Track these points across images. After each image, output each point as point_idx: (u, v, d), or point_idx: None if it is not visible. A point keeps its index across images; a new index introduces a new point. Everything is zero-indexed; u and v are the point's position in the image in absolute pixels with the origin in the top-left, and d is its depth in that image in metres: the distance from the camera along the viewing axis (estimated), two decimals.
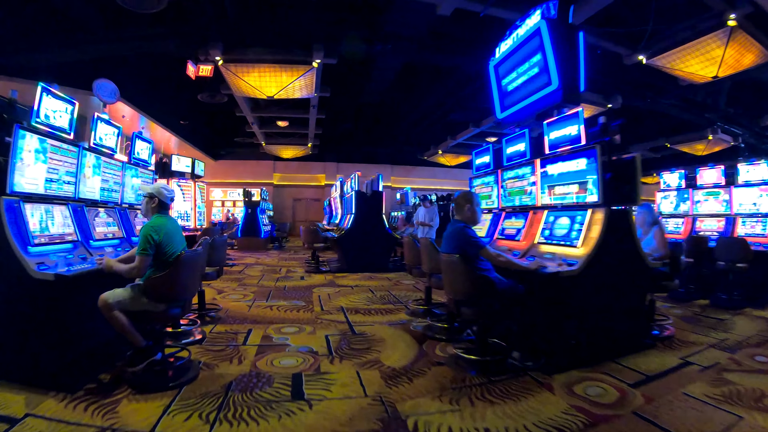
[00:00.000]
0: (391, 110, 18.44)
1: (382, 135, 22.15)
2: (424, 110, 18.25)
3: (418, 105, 17.72)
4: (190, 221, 9.83)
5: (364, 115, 18.60)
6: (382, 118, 19.38)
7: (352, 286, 7.76)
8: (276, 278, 8.52)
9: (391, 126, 20.62)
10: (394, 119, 19.70)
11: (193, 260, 3.51)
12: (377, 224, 9.67)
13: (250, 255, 13.08)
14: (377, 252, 9.59)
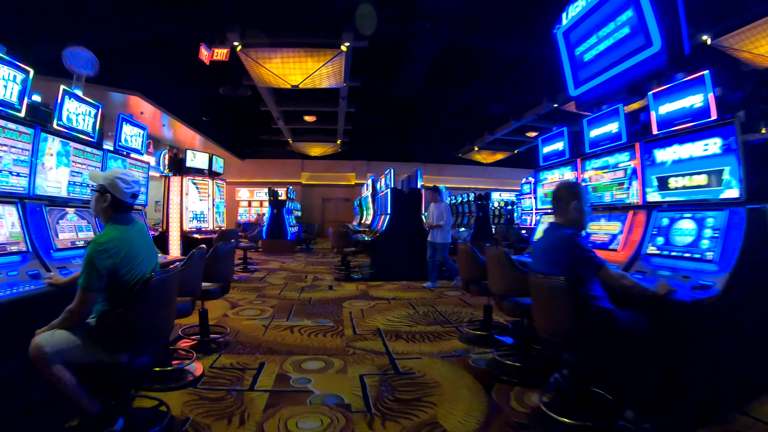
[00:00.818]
0: (425, 105, 17.24)
1: (414, 131, 20.97)
2: (461, 104, 16.97)
3: (454, 98, 16.45)
4: (208, 222, 8.85)
5: (396, 111, 17.46)
6: (415, 113, 18.20)
7: (388, 299, 6.60)
8: (301, 288, 7.45)
9: (424, 122, 19.41)
10: (427, 114, 18.48)
11: (169, 285, 2.41)
12: (416, 226, 8.50)
13: (275, 258, 12.11)
14: (415, 258, 8.40)
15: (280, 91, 13.20)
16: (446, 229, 7.49)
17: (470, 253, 4.31)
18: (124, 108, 13.82)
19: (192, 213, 8.79)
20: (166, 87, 13.37)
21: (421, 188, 8.77)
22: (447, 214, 7.45)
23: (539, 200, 5.48)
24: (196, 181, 8.90)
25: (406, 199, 8.51)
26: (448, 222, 7.47)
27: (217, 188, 9.47)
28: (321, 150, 19.35)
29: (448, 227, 7.52)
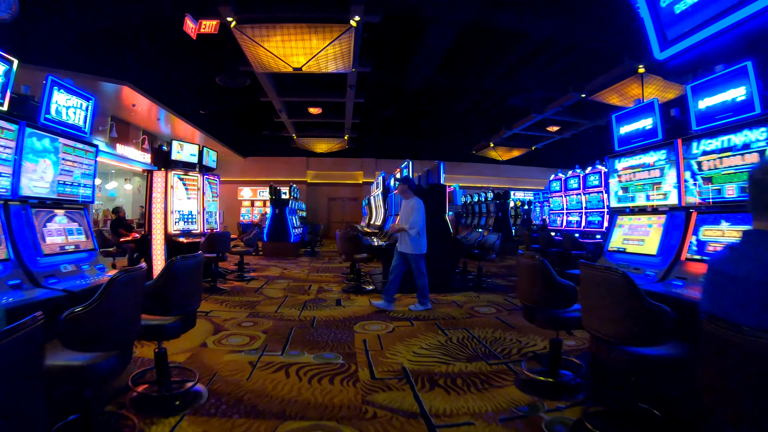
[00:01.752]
0: (437, 98, 16.01)
1: (425, 127, 19.73)
2: (476, 97, 15.72)
3: (470, 90, 15.20)
4: (196, 224, 7.66)
5: (406, 105, 16.25)
6: (427, 107, 16.98)
7: (410, 319, 5.35)
8: (302, 303, 6.22)
9: (436, 117, 18.19)
10: (439, 109, 17.25)
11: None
12: (439, 228, 7.24)
13: (277, 263, 10.91)
14: (439, 265, 7.16)
15: (281, 79, 12.02)
16: (421, 235, 5.80)
17: (541, 271, 3.05)
18: (115, 101, 12.69)
19: (178, 213, 7.59)
20: (159, 76, 12.24)
21: (444, 184, 7.51)
22: (417, 213, 5.73)
23: (613, 196, 4.21)
24: (184, 176, 7.70)
25: (428, 197, 7.25)
26: (416, 224, 5.70)
27: (208, 185, 8.27)
28: (327, 146, 18.16)
29: (422, 232, 5.83)
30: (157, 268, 7.54)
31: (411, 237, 5.74)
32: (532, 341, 4.52)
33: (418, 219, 5.74)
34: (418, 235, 5.76)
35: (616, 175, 4.27)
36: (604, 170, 9.99)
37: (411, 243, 5.76)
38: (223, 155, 20.97)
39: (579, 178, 11.08)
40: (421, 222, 5.77)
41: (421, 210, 5.82)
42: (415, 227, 5.71)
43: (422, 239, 5.84)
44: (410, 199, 5.93)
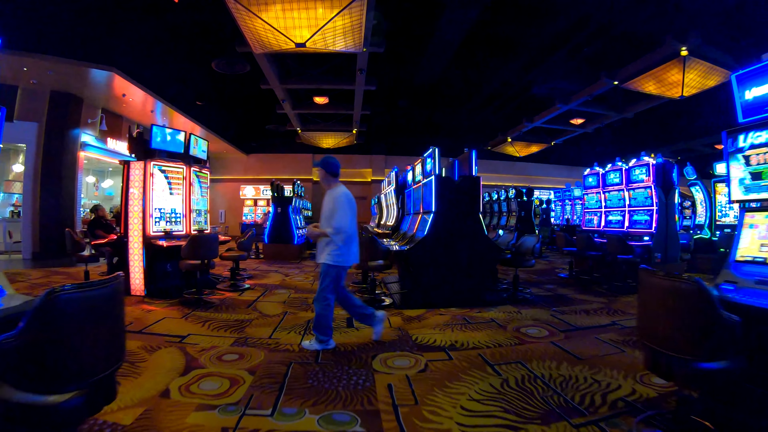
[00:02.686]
0: (453, 88, 14.76)
1: (438, 122, 18.45)
2: (496, 86, 14.41)
3: (489, 80, 13.91)
4: (181, 224, 6.47)
5: (420, 97, 15.00)
6: (440, 100, 15.71)
7: (445, 349, 4.10)
8: (305, 323, 4.98)
9: (450, 109, 16.90)
10: (454, 101, 15.98)
11: None
12: (471, 229, 5.99)
13: (278, 268, 9.69)
14: (471, 273, 5.93)
15: (283, 63, 10.81)
16: (348, 242, 4.10)
17: (699, 302, 1.78)
18: (106, 89, 11.56)
19: (159, 211, 6.40)
20: (149, 62, 11.09)
21: (477, 175, 6.25)
22: (341, 210, 4.04)
23: (737, 185, 2.96)
24: (166, 167, 6.51)
25: (458, 191, 6.01)
26: (343, 226, 4.01)
27: (196, 179, 7.06)
28: (334, 141, 16.93)
29: (353, 237, 4.17)
30: (134, 276, 6.37)
31: (333, 244, 4.03)
32: (614, 381, 3.33)
33: (344, 219, 4.03)
34: (344, 243, 4.06)
35: (740, 156, 3.00)
36: (653, 162, 8.70)
37: (332, 252, 4.02)
38: (224, 152, 19.87)
39: (621, 172, 9.75)
40: (349, 223, 4.08)
41: (348, 205, 4.12)
42: (341, 232, 4.01)
43: (350, 247, 4.14)
44: (333, 190, 4.25)
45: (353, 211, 4.23)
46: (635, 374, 3.44)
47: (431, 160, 6.11)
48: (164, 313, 5.34)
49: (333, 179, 4.33)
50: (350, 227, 4.12)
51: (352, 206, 4.23)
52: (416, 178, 7.29)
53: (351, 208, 4.19)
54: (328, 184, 4.35)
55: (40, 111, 11.33)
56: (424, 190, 6.52)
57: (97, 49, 9.82)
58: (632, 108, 15.23)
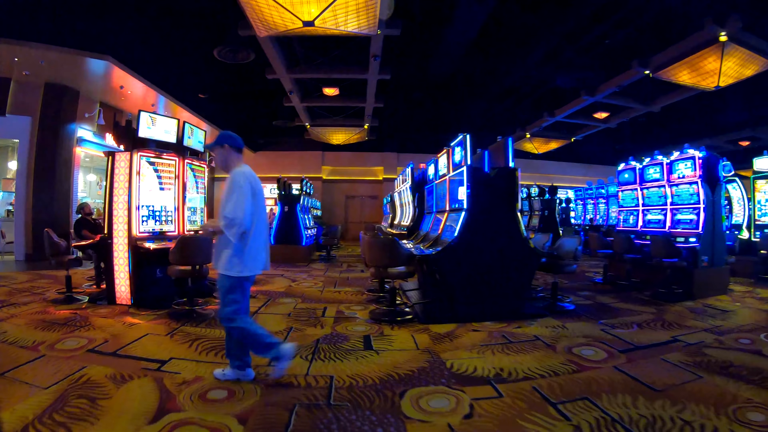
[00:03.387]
0: (469, 81, 13.86)
1: (453, 117, 17.55)
2: (517, 77, 13.48)
3: (508, 71, 12.98)
4: (172, 224, 5.66)
5: (433, 92, 14.12)
6: (455, 94, 14.82)
7: (491, 381, 3.23)
8: (314, 344, 4.13)
9: (466, 104, 15.99)
10: (470, 95, 15.07)
11: None
12: (509, 229, 5.13)
13: (285, 271, 8.88)
14: (508, 281, 5.07)
15: (290, 48, 10.00)
16: (246, 241, 3.03)
17: None
18: (102, 81, 10.83)
19: (147, 209, 5.61)
20: (147, 49, 10.35)
21: (515, 167, 5.36)
22: (239, 194, 2.96)
23: None
24: (155, 159, 5.71)
25: (493, 186, 5.13)
26: (237, 215, 2.92)
27: (191, 173, 6.26)
28: (345, 136, 16.09)
29: (255, 236, 3.10)
30: (119, 282, 5.58)
31: (230, 246, 3.00)
32: (707, 421, 2.55)
33: (240, 206, 2.92)
34: (241, 240, 3.00)
35: None
36: (698, 155, 7.76)
37: (227, 257, 3.02)
38: None
39: (662, 166, 8.79)
40: (247, 213, 2.96)
41: (248, 188, 3.01)
42: (234, 224, 2.92)
43: (252, 249, 3.06)
44: (235, 172, 3.12)
45: (258, 198, 3.13)
46: (726, 408, 2.69)
47: (461, 150, 5.24)
48: (148, 328, 4.54)
49: (237, 156, 3.25)
50: (250, 218, 2.98)
51: (256, 191, 3.10)
52: (440, 172, 6.42)
53: (254, 193, 3.05)
54: (227, 164, 3.22)
55: (34, 105, 10.66)
56: (450, 185, 5.65)
57: (91, 37, 9.09)
58: (660, 101, 14.26)
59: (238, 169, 3.15)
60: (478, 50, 11.19)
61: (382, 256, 4.56)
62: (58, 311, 5.29)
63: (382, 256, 4.56)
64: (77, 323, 4.73)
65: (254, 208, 3.05)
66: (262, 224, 3.19)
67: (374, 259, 4.63)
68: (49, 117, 10.68)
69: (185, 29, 9.81)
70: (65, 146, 10.86)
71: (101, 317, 5.00)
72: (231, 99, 14.09)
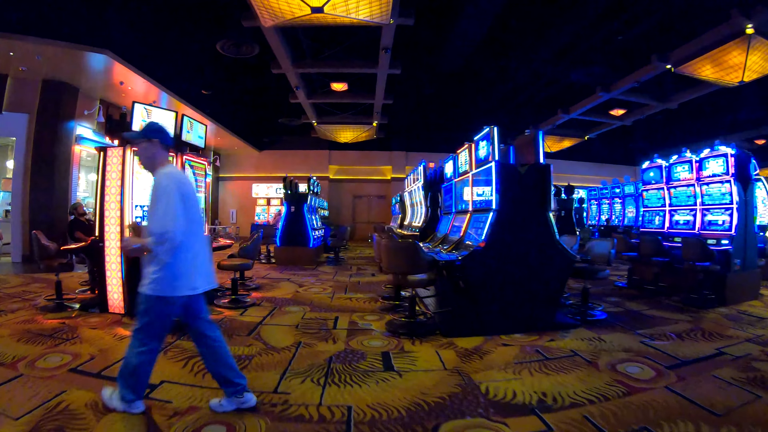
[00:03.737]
0: (479, 80, 13.36)
1: (462, 115, 17.01)
2: (530, 72, 12.94)
3: (521, 67, 12.45)
4: None
5: (443, 89, 13.61)
6: (465, 91, 14.31)
7: (535, 410, 2.72)
8: (326, 363, 3.64)
9: (477, 102, 15.47)
10: (481, 93, 14.55)
11: None
12: (541, 231, 4.62)
13: (292, 275, 8.40)
14: (539, 288, 4.57)
15: (296, 41, 9.53)
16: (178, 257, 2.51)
17: None
18: (101, 77, 10.40)
19: (141, 209, 5.16)
20: (147, 43, 9.91)
21: (545, 163, 4.84)
22: (167, 201, 2.46)
23: None
24: None
25: (523, 184, 4.62)
26: (166, 227, 2.41)
27: (190, 169, 5.79)
28: (353, 134, 15.62)
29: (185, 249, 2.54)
30: (112, 289, 5.13)
31: (157, 260, 2.50)
32: None
33: (169, 216, 2.44)
34: (172, 256, 2.50)
35: None
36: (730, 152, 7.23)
37: (152, 273, 2.52)
38: (235, 148, 18.76)
39: (691, 164, 8.25)
40: (178, 222, 2.46)
41: (177, 192, 2.51)
42: (164, 239, 2.42)
43: (186, 263, 2.57)
44: (158, 173, 2.65)
45: (190, 203, 2.63)
46: None
47: (488, 144, 4.73)
48: None
49: (164, 154, 2.76)
50: (182, 229, 2.48)
51: (186, 195, 2.60)
52: (460, 169, 5.92)
53: (184, 198, 2.56)
54: (153, 163, 2.71)
55: (32, 102, 10.26)
56: (474, 182, 5.14)
57: (89, 30, 8.66)
58: (678, 97, 13.72)
59: (163, 170, 2.66)
60: (490, 45, 10.72)
61: (402, 262, 4.06)
62: (45, 320, 4.86)
63: (402, 262, 4.06)
64: (64, 335, 4.29)
65: (186, 216, 2.54)
66: (196, 235, 2.65)
67: (393, 266, 4.14)
68: (46, 114, 10.27)
69: (186, 21, 9.39)
70: (64, 144, 10.44)
71: (91, 328, 4.55)
72: (235, 96, 13.65)
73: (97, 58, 9.14)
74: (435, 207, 9.98)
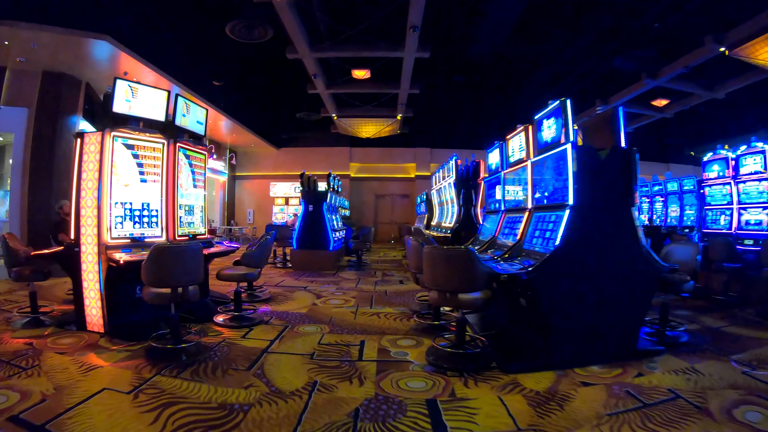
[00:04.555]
0: (511, 68, 12.19)
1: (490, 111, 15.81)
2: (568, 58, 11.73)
3: (557, 52, 11.26)
4: (158, 227, 4.23)
5: (471, 80, 12.46)
6: (493, 83, 13.13)
7: None
8: (352, 418, 2.61)
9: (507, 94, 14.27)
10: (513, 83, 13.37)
11: None
12: (624, 233, 3.53)
13: (308, 283, 7.41)
14: (621, 304, 3.49)
15: (313, 21, 8.54)
16: None
17: None
18: (103, 67, 9.55)
19: (124, 207, 4.23)
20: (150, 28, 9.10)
21: (628, 147, 3.73)
22: None
23: None
24: (136, 141, 4.32)
25: (604, 173, 3.53)
26: None
27: (186, 160, 4.84)
28: (375, 129, 14.58)
29: None
30: (90, 304, 4.22)
31: None
32: None
33: None
34: None
35: None
36: None
37: None
38: (252, 145, 17.98)
39: (764, 155, 7.06)
40: None
41: None
42: None
43: None
44: None
45: None
46: None
47: (557, 122, 3.64)
48: (109, 377, 3.14)
49: None
50: None
51: None
52: (511, 158, 4.82)
53: None
54: None
55: (31, 95, 9.55)
56: (535, 172, 4.05)
57: (85, 14, 7.89)
58: (725, 86, 12.38)
59: None
60: (523, 30, 9.60)
61: (453, 275, 3.01)
62: (12, 339, 4.02)
63: (453, 276, 3.01)
64: (24, 361, 3.43)
65: None
66: None
67: (439, 280, 3.09)
68: (47, 108, 9.53)
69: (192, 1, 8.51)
70: (65, 139, 9.67)
71: (58, 353, 3.65)
72: (249, 88, 12.75)
73: (96, 46, 8.36)
74: (468, 205, 8.93)
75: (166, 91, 4.65)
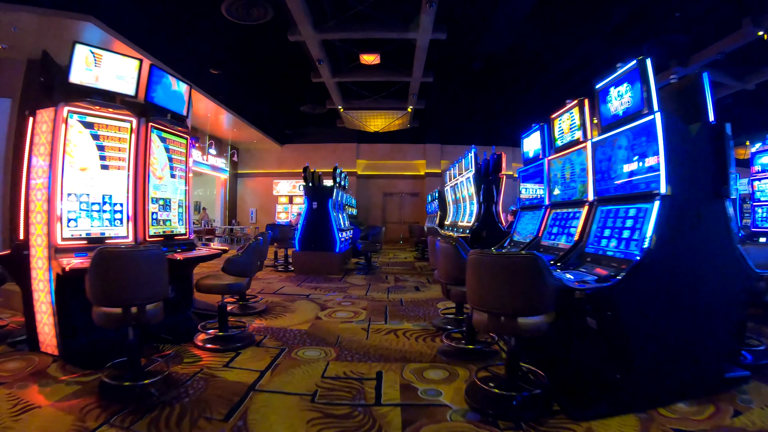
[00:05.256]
0: (525, 61, 11.30)
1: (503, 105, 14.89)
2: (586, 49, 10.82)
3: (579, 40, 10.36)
4: (122, 225, 3.34)
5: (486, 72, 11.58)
6: (508, 75, 12.23)
7: None
8: None
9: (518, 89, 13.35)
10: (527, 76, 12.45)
11: None
12: (715, 232, 2.66)
13: (311, 290, 6.55)
14: (710, 323, 2.62)
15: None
16: None
17: None
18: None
19: (79, 201, 3.40)
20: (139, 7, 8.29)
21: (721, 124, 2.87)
22: None
23: None
24: (96, 119, 3.49)
25: (693, 153, 2.67)
26: None
27: (160, 143, 4.00)
28: (384, 122, 13.71)
29: None
30: (41, 319, 3.39)
31: None
32: None
33: None
34: None
35: None
36: None
37: None
38: (255, 141, 17.18)
39: None
40: None
41: None
42: None
43: None
44: None
45: None
46: None
47: (636, 87, 2.77)
48: (48, 423, 2.32)
49: None
50: None
51: None
52: (558, 141, 3.93)
53: None
54: None
55: (15, 84, 8.79)
56: (599, 153, 3.17)
57: None
58: (755, 76, 11.50)
59: None
60: (540, 19, 8.74)
61: (514, 292, 2.14)
62: None
63: (514, 294, 2.14)
64: None
65: None
66: None
67: (490, 298, 2.22)
68: (32, 99, 8.76)
69: None
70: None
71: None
72: (250, 77, 11.92)
73: (82, 29, 7.59)
74: (489, 202, 8.05)
75: (137, 60, 3.81)
